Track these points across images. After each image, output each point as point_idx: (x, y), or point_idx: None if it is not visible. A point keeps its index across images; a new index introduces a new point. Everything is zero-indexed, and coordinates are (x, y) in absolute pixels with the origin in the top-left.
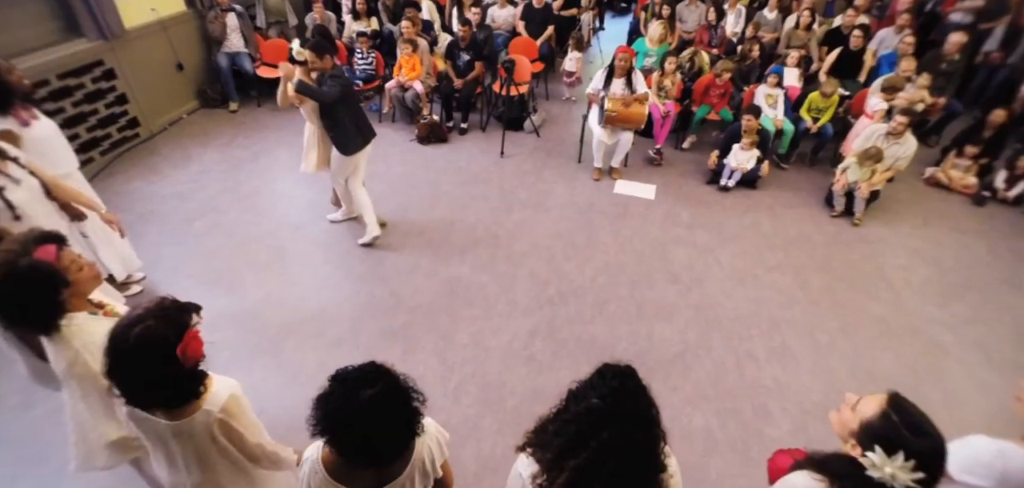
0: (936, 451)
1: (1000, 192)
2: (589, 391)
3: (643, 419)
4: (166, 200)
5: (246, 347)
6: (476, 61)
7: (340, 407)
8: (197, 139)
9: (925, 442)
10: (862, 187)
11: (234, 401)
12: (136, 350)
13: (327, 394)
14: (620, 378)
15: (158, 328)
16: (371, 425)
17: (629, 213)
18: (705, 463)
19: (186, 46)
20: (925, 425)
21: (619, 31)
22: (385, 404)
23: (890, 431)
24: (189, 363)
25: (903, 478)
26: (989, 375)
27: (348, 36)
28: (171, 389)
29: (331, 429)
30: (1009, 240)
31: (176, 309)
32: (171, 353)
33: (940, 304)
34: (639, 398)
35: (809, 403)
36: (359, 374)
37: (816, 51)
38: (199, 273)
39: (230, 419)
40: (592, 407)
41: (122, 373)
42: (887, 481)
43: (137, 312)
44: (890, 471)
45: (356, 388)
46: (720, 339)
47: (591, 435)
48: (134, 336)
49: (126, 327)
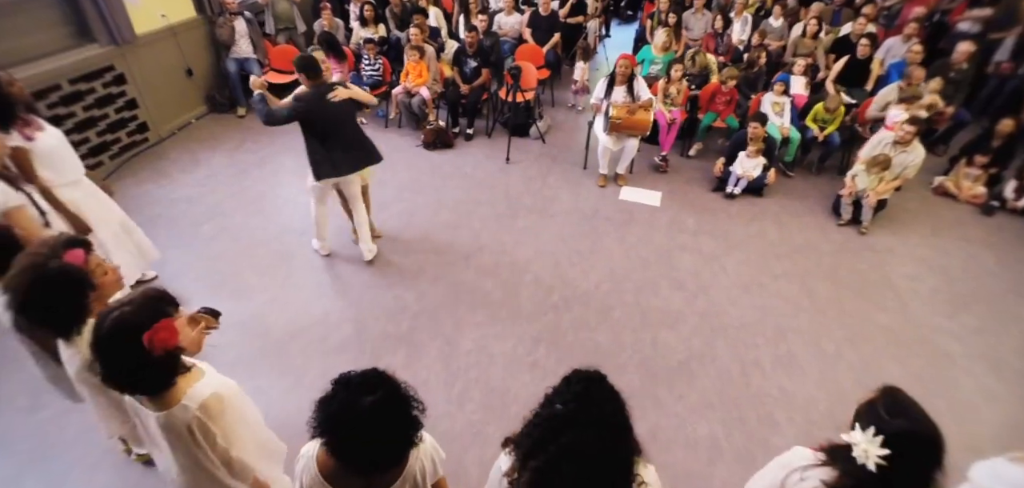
0: (910, 432)
1: (1009, 202)
2: (555, 397)
3: (606, 426)
4: (174, 204)
5: (250, 351)
6: (483, 68)
7: (341, 411)
8: (205, 144)
9: (898, 422)
10: (870, 195)
11: (216, 400)
12: (108, 335)
13: (329, 397)
14: (585, 383)
15: (131, 315)
16: (370, 431)
17: (634, 220)
18: (710, 472)
19: (195, 51)
20: (905, 409)
21: (625, 39)
22: (385, 411)
23: (871, 412)
24: (156, 351)
25: (872, 452)
26: (997, 386)
27: (355, 42)
28: (143, 375)
29: (330, 432)
30: (1018, 250)
31: (156, 299)
32: (138, 340)
33: (948, 314)
34: (603, 405)
35: (815, 413)
36: (361, 379)
37: (823, 59)
38: (205, 276)
39: (207, 419)
40: (555, 412)
41: (99, 357)
42: (862, 459)
43: (121, 300)
44: (863, 446)
45: (358, 393)
46: (726, 347)
47: (551, 439)
48: (109, 321)
49: (106, 313)
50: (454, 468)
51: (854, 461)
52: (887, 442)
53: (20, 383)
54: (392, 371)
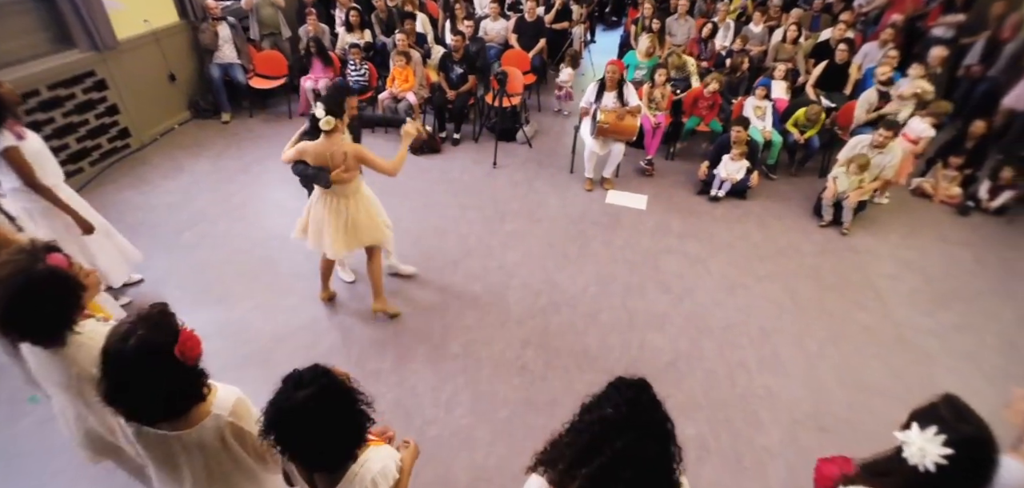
0: (975, 439)
1: (984, 202)
2: (603, 402)
3: (658, 431)
4: (156, 210)
5: (236, 358)
6: (469, 73)
7: (274, 404)
8: (188, 150)
9: (965, 428)
10: (850, 197)
11: (242, 403)
12: (136, 361)
13: (272, 397)
14: (635, 389)
15: (152, 335)
16: (303, 425)
17: (621, 223)
18: (697, 472)
19: (178, 57)
20: (971, 416)
21: (610, 44)
22: (319, 405)
23: (931, 414)
24: (190, 361)
25: (931, 451)
26: (978, 383)
27: (341, 48)
28: (176, 394)
29: (267, 426)
30: (994, 249)
31: (161, 314)
32: (170, 356)
33: (928, 313)
34: (654, 410)
35: (799, 412)
36: (298, 376)
37: (803, 64)
38: (188, 284)
39: (239, 422)
40: (606, 416)
41: (125, 388)
42: (916, 458)
43: (123, 327)
44: (919, 444)
45: (292, 388)
46: (711, 348)
47: (605, 444)
48: (131, 348)
49: (120, 341)
50: (443, 474)
51: (904, 465)
52: (952, 445)
53: None
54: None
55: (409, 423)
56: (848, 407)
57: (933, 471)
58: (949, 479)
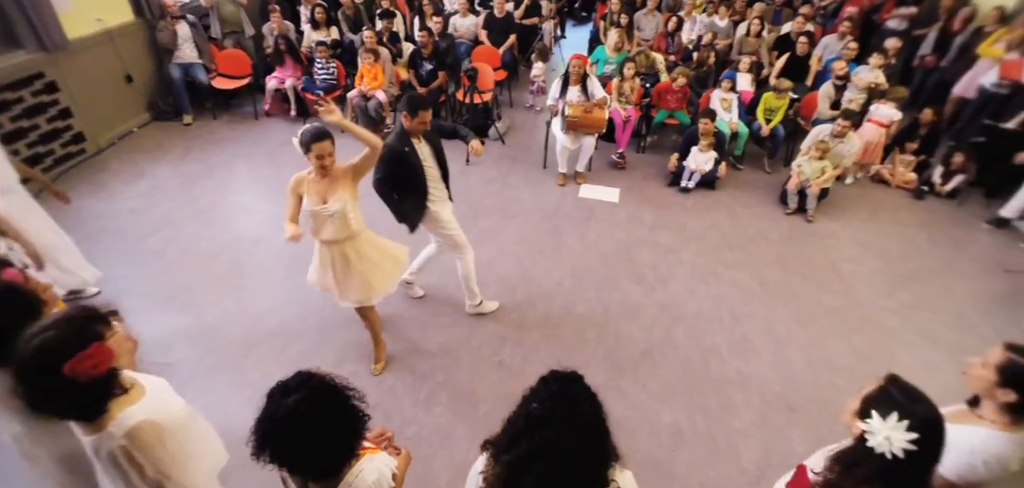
0: (932, 418)
1: (937, 186)
2: (531, 396)
3: (582, 425)
4: (117, 217)
5: (205, 366)
6: (439, 70)
7: (264, 417)
8: (149, 153)
9: (921, 409)
10: (814, 185)
11: (149, 428)
12: (30, 360)
13: (260, 412)
14: (561, 383)
15: (55, 339)
16: (295, 432)
17: (594, 216)
18: (674, 457)
19: (135, 57)
20: (920, 395)
21: (581, 39)
22: (309, 410)
23: (886, 399)
24: (80, 378)
25: (898, 438)
26: (934, 356)
27: (307, 45)
28: (72, 403)
29: (259, 441)
30: (947, 230)
31: (86, 319)
32: (58, 369)
33: (887, 293)
34: (579, 404)
35: (770, 394)
36: (284, 384)
37: (767, 56)
38: (153, 291)
39: (131, 448)
40: (531, 411)
41: (22, 384)
42: (883, 447)
43: (47, 320)
44: (885, 434)
45: (280, 397)
46: (685, 336)
47: (525, 436)
48: (31, 347)
49: (30, 335)
50: (422, 473)
51: (873, 455)
52: (915, 428)
53: None
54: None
55: (388, 423)
56: (815, 386)
57: (902, 456)
58: (914, 459)
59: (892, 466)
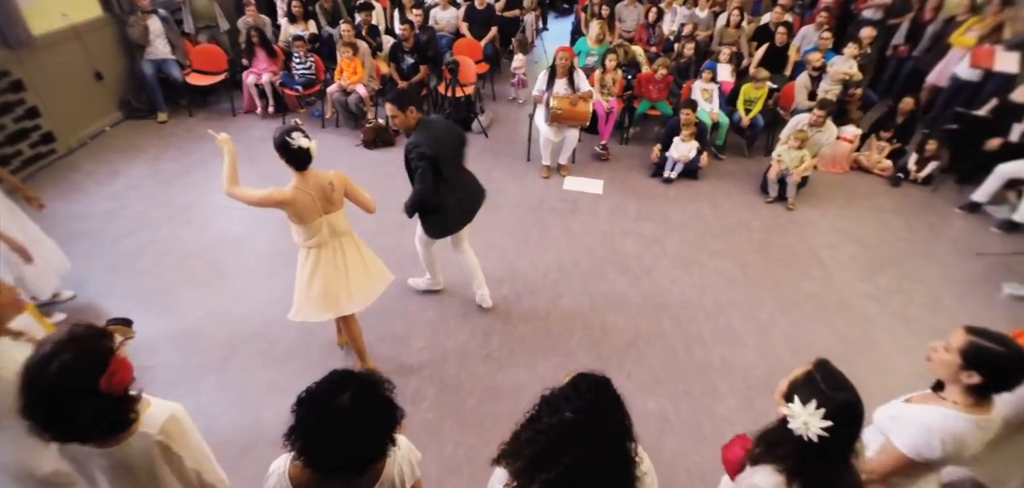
0: (848, 404)
1: (912, 173)
2: (562, 403)
3: (617, 435)
4: (91, 219)
5: (188, 368)
6: (420, 63)
7: (320, 422)
8: (123, 153)
9: (840, 395)
10: (794, 173)
11: (174, 422)
12: (56, 388)
13: (301, 418)
14: (595, 392)
15: (76, 361)
16: (354, 428)
17: (578, 208)
18: (660, 444)
19: (105, 54)
20: (843, 382)
21: (562, 31)
22: (364, 403)
23: (810, 385)
24: (116, 393)
25: (814, 424)
26: (910, 340)
27: (285, 40)
28: (99, 422)
29: (314, 448)
30: (922, 216)
31: (94, 336)
32: (94, 386)
33: (865, 278)
34: (614, 413)
35: (753, 379)
36: (329, 384)
37: (746, 47)
38: (132, 294)
39: (169, 441)
40: (565, 421)
41: (43, 412)
42: (801, 430)
43: (48, 346)
44: (803, 419)
45: (331, 397)
46: (670, 325)
47: (563, 450)
48: (52, 373)
49: (42, 362)
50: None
51: (792, 437)
52: (831, 415)
53: None
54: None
55: None
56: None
57: (816, 441)
58: (829, 443)
59: (808, 447)
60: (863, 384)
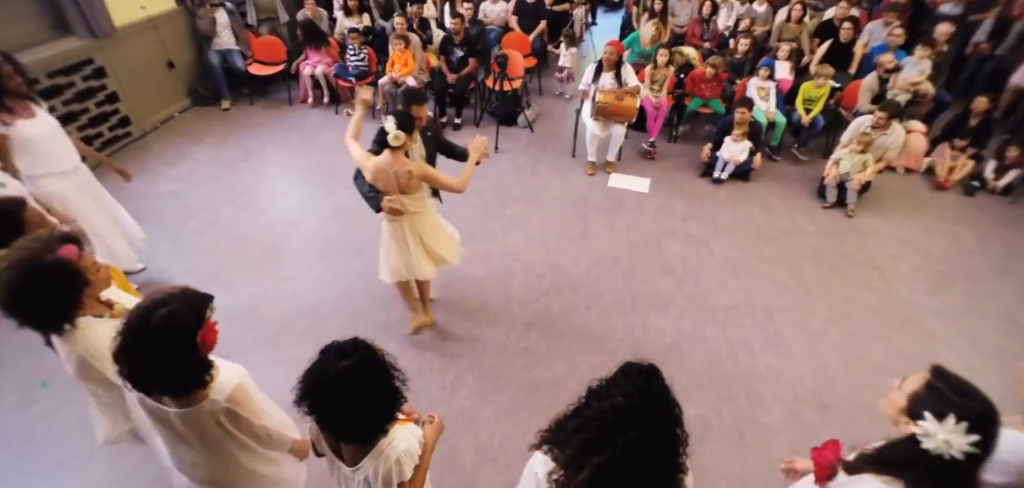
0: (986, 413)
1: (990, 182)
2: (613, 389)
3: (668, 420)
4: (160, 198)
5: (242, 342)
6: (469, 56)
7: (314, 373)
8: (189, 137)
9: (975, 404)
10: (855, 179)
11: (240, 390)
12: (159, 332)
13: (312, 364)
14: (645, 377)
15: (183, 313)
16: (343, 395)
17: (623, 206)
18: (700, 450)
19: (176, 44)
20: (971, 389)
21: (612, 26)
22: (359, 376)
23: (938, 397)
24: (206, 351)
25: (958, 442)
26: (978, 361)
27: (340, 32)
28: (183, 376)
29: (303, 394)
30: (998, 229)
31: (197, 298)
32: (191, 339)
33: (930, 292)
34: (664, 398)
35: (802, 390)
36: (339, 346)
37: (807, 43)
38: (194, 271)
39: (236, 407)
40: (618, 405)
41: (139, 354)
42: (942, 449)
43: (160, 295)
44: (943, 437)
45: (334, 358)
46: (714, 329)
47: (616, 433)
48: (158, 318)
49: (149, 309)
50: (448, 454)
51: (926, 456)
52: (976, 429)
53: (10, 380)
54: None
55: (415, 403)
56: (850, 385)
57: (962, 459)
58: (971, 457)
59: (947, 466)
60: None
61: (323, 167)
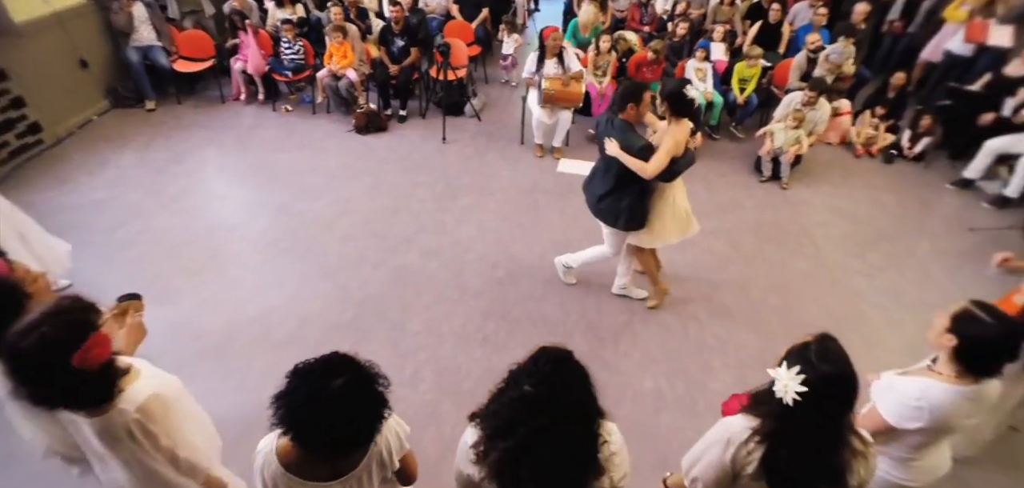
0: (830, 377)
1: (905, 150)
2: (523, 377)
3: (577, 407)
4: (81, 210)
5: (185, 356)
6: (411, 46)
7: (308, 399)
8: (112, 142)
9: (824, 368)
10: (788, 152)
11: (155, 402)
12: (32, 358)
13: (291, 389)
14: (554, 364)
15: (55, 334)
16: (340, 415)
17: (573, 191)
18: (656, 421)
19: (89, 41)
20: (833, 356)
21: (555, 12)
22: (354, 393)
23: (801, 354)
24: (90, 368)
25: (791, 388)
26: (900, 315)
27: (272, 24)
28: (80, 393)
29: (298, 422)
30: (915, 192)
31: (79, 310)
32: (67, 361)
33: (856, 255)
34: (574, 386)
35: (747, 355)
36: (325, 365)
37: (740, 25)
38: (126, 284)
39: (148, 421)
40: (524, 394)
41: (24, 380)
42: (781, 393)
43: (33, 317)
44: (784, 382)
45: (324, 379)
46: (665, 304)
47: (522, 421)
48: (29, 343)
49: (23, 332)
50: (412, 448)
51: (774, 398)
52: (811, 384)
53: None
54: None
55: None
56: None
57: (791, 405)
58: (807, 410)
59: (785, 410)
60: (852, 357)
61: (262, 167)
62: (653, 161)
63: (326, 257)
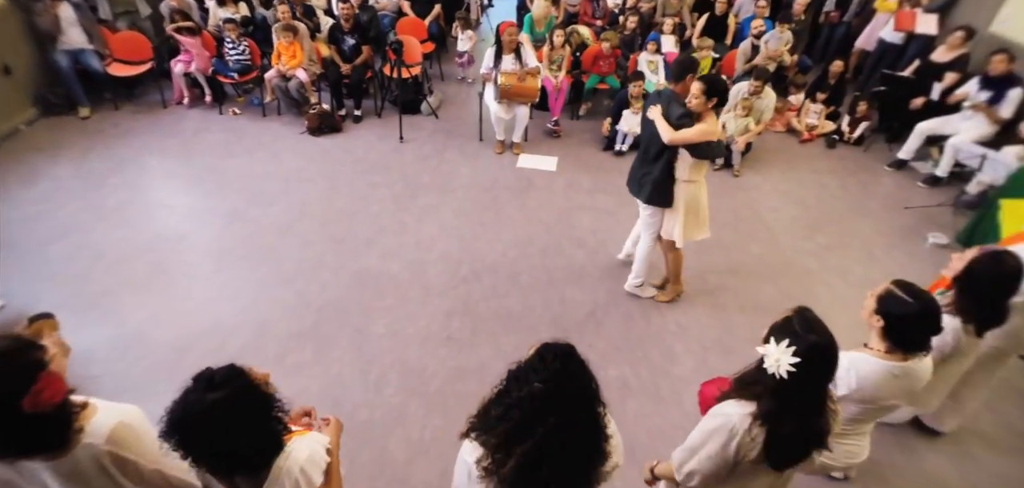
0: (817, 345)
1: (846, 135)
2: (530, 374)
3: (586, 398)
4: (11, 225)
5: (133, 375)
6: (362, 44)
7: (182, 407)
8: (44, 152)
9: (811, 337)
10: (739, 141)
11: (124, 429)
12: None
13: (175, 401)
14: (561, 359)
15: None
16: (211, 429)
17: (533, 186)
18: (622, 408)
19: (11, 45)
20: (816, 325)
21: (508, 7)
22: (229, 409)
23: (786, 328)
24: (44, 410)
25: (784, 361)
26: (847, 292)
27: (214, 24)
28: (36, 438)
29: (172, 429)
30: (855, 175)
31: (20, 350)
32: (18, 407)
33: (806, 237)
34: (580, 378)
35: (708, 339)
36: (210, 376)
37: (688, 17)
38: (65, 303)
39: (119, 450)
40: (535, 392)
41: None
42: (772, 368)
43: None
44: (775, 357)
45: (203, 390)
46: (626, 294)
47: (537, 421)
48: None
49: None
50: (378, 454)
51: (766, 375)
52: (801, 354)
53: None
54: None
55: (339, 410)
56: (749, 328)
57: (786, 377)
58: (800, 381)
59: (780, 384)
60: None
61: (210, 173)
62: (680, 132)
63: (283, 263)
